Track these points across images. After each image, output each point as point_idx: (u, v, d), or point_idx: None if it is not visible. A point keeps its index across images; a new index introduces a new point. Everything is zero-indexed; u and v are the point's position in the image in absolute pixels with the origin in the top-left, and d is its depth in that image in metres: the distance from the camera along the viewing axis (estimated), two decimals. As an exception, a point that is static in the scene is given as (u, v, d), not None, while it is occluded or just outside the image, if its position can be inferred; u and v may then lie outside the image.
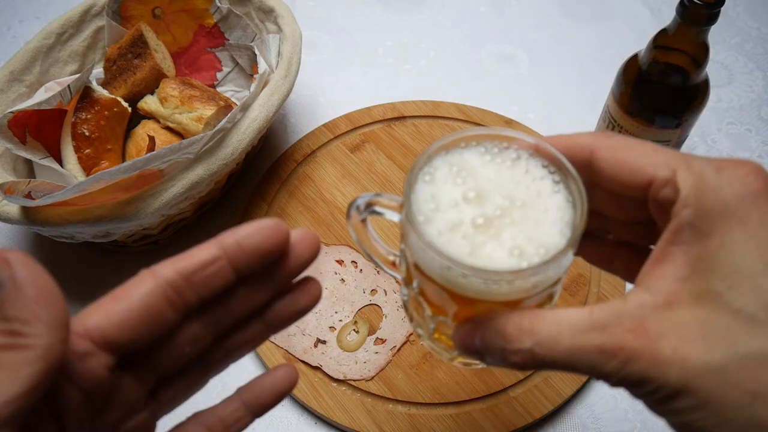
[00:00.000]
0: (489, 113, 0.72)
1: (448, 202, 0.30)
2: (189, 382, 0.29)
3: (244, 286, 0.27)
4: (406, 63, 0.81)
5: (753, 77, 0.79)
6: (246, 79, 0.72)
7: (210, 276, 0.25)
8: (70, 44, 0.65)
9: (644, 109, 0.59)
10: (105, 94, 0.61)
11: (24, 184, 0.50)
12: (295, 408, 0.55)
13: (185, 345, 0.27)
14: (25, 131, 0.56)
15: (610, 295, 0.59)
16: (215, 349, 0.28)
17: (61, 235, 0.54)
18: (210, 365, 0.29)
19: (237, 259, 0.25)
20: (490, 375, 0.55)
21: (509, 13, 0.87)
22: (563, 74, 0.80)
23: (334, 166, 0.68)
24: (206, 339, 0.27)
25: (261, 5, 0.67)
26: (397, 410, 0.53)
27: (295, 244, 0.27)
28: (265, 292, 0.28)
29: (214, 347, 0.28)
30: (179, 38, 0.70)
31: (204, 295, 0.26)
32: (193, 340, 0.27)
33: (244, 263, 0.26)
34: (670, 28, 0.55)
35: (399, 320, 0.57)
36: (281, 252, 0.27)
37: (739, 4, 0.87)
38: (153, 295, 0.25)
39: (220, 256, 0.25)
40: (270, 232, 0.26)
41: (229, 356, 0.29)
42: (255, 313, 0.28)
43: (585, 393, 0.56)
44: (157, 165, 0.51)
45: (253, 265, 0.26)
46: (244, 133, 0.56)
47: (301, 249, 0.27)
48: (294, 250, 0.27)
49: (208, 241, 0.26)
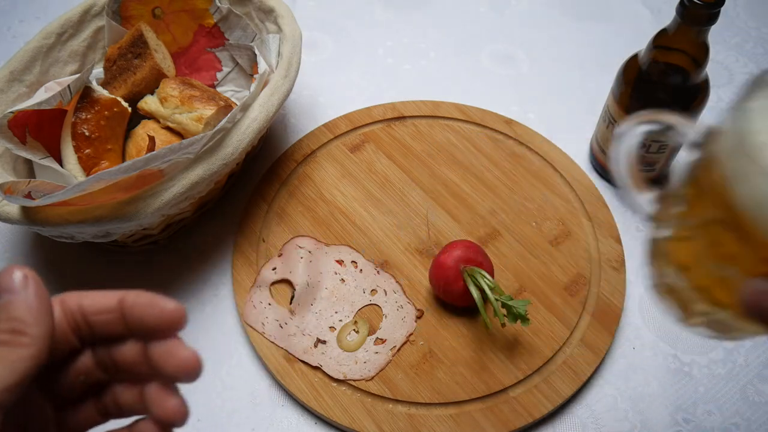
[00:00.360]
0: (489, 113, 0.72)
1: None
2: (89, 415, 0.31)
3: (136, 339, 0.29)
4: (406, 63, 0.81)
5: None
6: (246, 79, 0.72)
7: (104, 322, 0.28)
8: (70, 44, 0.65)
9: (644, 109, 0.59)
10: (105, 94, 0.61)
11: (24, 184, 0.50)
12: (295, 408, 0.55)
13: (80, 374, 0.30)
14: (25, 131, 0.56)
15: (611, 295, 0.59)
16: (108, 392, 0.31)
17: (61, 235, 0.54)
18: (106, 406, 0.31)
19: (129, 319, 0.28)
20: (490, 375, 0.55)
21: (509, 13, 0.87)
22: (563, 74, 0.80)
23: (334, 166, 0.68)
24: (98, 375, 0.30)
25: (261, 5, 0.67)
26: (397, 410, 0.53)
27: (178, 351, 0.28)
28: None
29: (108, 390, 0.31)
30: (179, 38, 0.70)
31: (98, 334, 0.29)
32: (87, 371, 0.30)
33: (134, 326, 0.28)
34: (670, 28, 0.55)
35: (399, 320, 0.57)
36: (168, 336, 0.28)
37: (739, 4, 0.87)
38: (60, 314, 0.28)
39: (116, 309, 0.28)
40: (167, 316, 0.27)
41: (120, 407, 0.31)
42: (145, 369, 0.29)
43: (585, 393, 0.56)
44: (157, 165, 0.51)
45: (141, 332, 0.28)
46: (244, 133, 0.56)
47: (183, 359, 0.28)
48: (178, 350, 0.28)
49: (116, 291, 0.28)
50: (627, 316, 0.60)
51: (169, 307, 0.27)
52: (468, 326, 0.57)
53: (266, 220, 0.64)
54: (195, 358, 0.28)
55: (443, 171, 0.68)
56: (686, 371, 0.57)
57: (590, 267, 0.61)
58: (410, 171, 0.68)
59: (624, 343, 0.58)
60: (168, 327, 0.28)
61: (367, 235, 0.63)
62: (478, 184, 0.67)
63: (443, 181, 0.67)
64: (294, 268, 0.60)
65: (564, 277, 0.60)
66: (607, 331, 0.57)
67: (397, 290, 0.59)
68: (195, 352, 0.28)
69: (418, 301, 0.59)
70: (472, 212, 0.65)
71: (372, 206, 0.65)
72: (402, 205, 0.65)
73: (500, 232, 0.63)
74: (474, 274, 0.53)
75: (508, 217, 0.64)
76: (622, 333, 0.59)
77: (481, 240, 0.63)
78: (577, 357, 0.56)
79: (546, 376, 0.55)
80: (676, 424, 0.54)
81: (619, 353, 0.58)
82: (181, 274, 0.62)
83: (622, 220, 0.66)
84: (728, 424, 0.54)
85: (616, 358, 0.58)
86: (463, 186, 0.67)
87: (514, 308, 0.52)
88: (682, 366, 0.57)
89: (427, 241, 0.63)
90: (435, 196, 0.66)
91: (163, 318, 0.27)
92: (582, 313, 0.58)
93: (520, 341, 0.56)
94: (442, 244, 0.62)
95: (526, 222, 0.64)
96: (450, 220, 0.64)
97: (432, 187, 0.67)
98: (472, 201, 0.65)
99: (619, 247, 0.62)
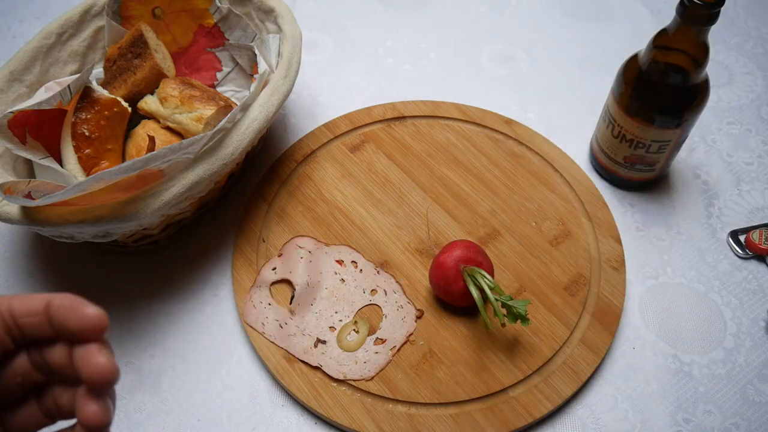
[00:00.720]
0: (489, 113, 0.72)
1: None
2: (34, 417, 0.31)
3: (64, 342, 0.29)
4: (406, 63, 0.81)
5: (753, 77, 0.79)
6: (246, 79, 0.72)
7: (32, 324, 0.29)
8: (70, 44, 0.65)
9: (644, 109, 0.59)
10: (105, 94, 0.61)
11: (24, 184, 0.50)
12: (295, 408, 0.55)
13: (17, 375, 0.30)
14: (25, 131, 0.56)
15: (611, 295, 0.59)
16: (48, 394, 0.31)
17: (61, 235, 0.54)
18: (48, 408, 0.31)
19: (54, 323, 0.29)
20: (490, 375, 0.55)
21: (509, 13, 0.87)
22: (563, 74, 0.80)
23: (334, 166, 0.68)
24: (35, 377, 0.30)
25: (261, 5, 0.67)
26: (397, 410, 0.53)
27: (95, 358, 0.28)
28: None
29: (48, 391, 0.31)
30: (179, 38, 0.70)
31: (29, 336, 0.29)
32: (24, 373, 0.30)
33: (59, 329, 0.29)
34: (670, 28, 0.55)
35: (399, 320, 0.57)
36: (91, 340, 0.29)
37: (739, 4, 0.87)
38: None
39: (43, 312, 0.29)
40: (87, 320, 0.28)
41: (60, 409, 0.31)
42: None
43: (585, 393, 0.56)
44: (157, 165, 0.51)
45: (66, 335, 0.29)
46: (244, 133, 0.56)
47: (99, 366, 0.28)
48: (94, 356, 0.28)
49: (44, 294, 0.29)
50: (627, 316, 0.60)
51: (89, 312, 0.28)
52: (468, 326, 0.57)
53: (266, 220, 0.64)
54: (108, 365, 0.28)
55: (443, 171, 0.68)
56: (686, 371, 0.57)
57: (590, 267, 0.61)
58: (410, 171, 0.68)
59: (624, 343, 0.58)
60: (88, 331, 0.28)
61: (367, 235, 0.63)
62: (478, 184, 0.67)
63: (443, 181, 0.67)
64: (294, 268, 0.60)
65: (564, 277, 0.60)
66: (607, 331, 0.57)
67: (397, 290, 0.59)
68: (110, 360, 0.28)
69: (418, 301, 0.59)
70: (472, 212, 0.65)
71: (372, 206, 0.65)
72: (402, 205, 0.65)
73: (500, 232, 0.63)
74: (474, 274, 0.53)
75: (508, 217, 0.64)
76: (622, 333, 0.59)
77: (481, 240, 0.63)
78: (577, 357, 0.56)
79: (546, 376, 0.55)
80: (676, 424, 0.54)
81: (619, 353, 0.58)
82: (181, 274, 0.62)
83: (622, 220, 0.66)
84: (728, 424, 0.54)
85: (616, 358, 0.58)
86: (463, 186, 0.67)
87: (514, 308, 0.52)
88: (682, 366, 0.57)
89: (427, 241, 0.63)
90: (435, 196, 0.66)
91: (84, 323, 0.28)
92: (582, 313, 0.58)
93: (520, 341, 0.56)
94: (442, 244, 0.62)
95: (526, 222, 0.64)
96: (450, 220, 0.64)
97: (432, 187, 0.67)
98: (472, 201, 0.65)
99: (619, 247, 0.62)
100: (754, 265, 0.63)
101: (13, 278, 0.62)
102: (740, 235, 0.65)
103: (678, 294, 0.61)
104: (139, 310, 0.60)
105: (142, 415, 0.54)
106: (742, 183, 0.69)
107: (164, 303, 0.60)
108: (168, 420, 0.54)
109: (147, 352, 0.58)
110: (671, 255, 0.64)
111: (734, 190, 0.69)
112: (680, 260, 0.64)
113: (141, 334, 0.59)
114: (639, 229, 0.66)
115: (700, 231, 0.66)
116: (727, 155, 0.72)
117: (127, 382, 0.56)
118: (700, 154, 0.72)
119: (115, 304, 0.60)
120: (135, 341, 0.58)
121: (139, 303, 0.60)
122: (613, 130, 0.63)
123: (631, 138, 0.62)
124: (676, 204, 0.68)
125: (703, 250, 0.64)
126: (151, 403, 0.55)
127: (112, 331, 0.59)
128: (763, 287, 0.62)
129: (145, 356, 0.57)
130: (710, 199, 0.68)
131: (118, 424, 0.54)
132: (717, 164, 0.71)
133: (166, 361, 0.57)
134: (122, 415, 0.54)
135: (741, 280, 0.62)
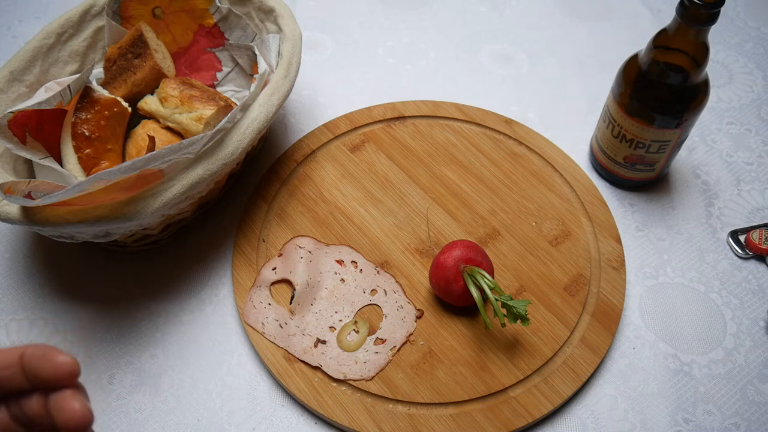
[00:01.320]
0: (489, 113, 0.72)
1: None
2: None
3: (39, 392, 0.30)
4: (406, 63, 0.81)
5: (753, 77, 0.79)
6: (246, 79, 0.72)
7: (8, 377, 0.29)
8: (70, 44, 0.65)
9: (644, 109, 0.59)
10: (105, 94, 0.61)
11: (24, 184, 0.50)
12: (295, 408, 0.55)
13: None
14: (25, 131, 0.56)
15: (610, 295, 0.59)
16: None
17: (61, 235, 0.54)
18: None
19: (28, 373, 0.29)
20: (490, 375, 0.55)
21: (509, 13, 0.87)
22: (563, 74, 0.80)
23: (334, 166, 0.68)
24: (16, 429, 0.31)
25: (261, 5, 0.67)
26: (397, 410, 0.53)
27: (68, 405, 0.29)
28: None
29: None
30: (179, 38, 0.70)
31: (5, 389, 0.30)
32: (4, 427, 0.30)
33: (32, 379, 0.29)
34: (670, 28, 0.55)
35: (399, 320, 0.57)
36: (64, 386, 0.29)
37: (739, 4, 0.87)
38: None
39: (17, 364, 0.29)
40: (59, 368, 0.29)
41: None
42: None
43: (585, 393, 0.56)
44: (157, 165, 0.51)
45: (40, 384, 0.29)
46: (244, 133, 0.56)
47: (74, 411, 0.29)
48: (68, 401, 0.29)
49: (17, 347, 0.30)
50: (627, 316, 0.60)
51: (60, 359, 0.29)
52: (468, 326, 0.57)
53: (266, 220, 0.64)
54: (82, 409, 0.29)
55: (443, 171, 0.68)
56: (686, 371, 0.57)
57: (590, 267, 0.61)
58: (410, 171, 0.68)
59: (624, 343, 0.58)
60: (62, 378, 0.29)
61: (367, 235, 0.63)
62: (478, 184, 0.67)
63: (443, 181, 0.67)
64: (294, 268, 0.60)
65: (564, 277, 0.60)
66: (607, 331, 0.57)
67: (397, 290, 0.59)
68: (83, 405, 0.29)
69: (418, 301, 0.59)
70: (472, 212, 0.65)
71: (372, 206, 0.65)
72: (402, 205, 0.65)
73: (500, 232, 0.63)
74: (474, 274, 0.54)
75: (508, 217, 0.64)
76: (622, 333, 0.59)
77: (481, 240, 0.63)
78: (577, 357, 0.56)
79: (546, 376, 0.55)
80: (676, 424, 0.54)
81: (619, 353, 0.58)
82: (181, 274, 0.62)
83: (622, 220, 0.66)
84: (728, 424, 0.54)
85: (616, 358, 0.58)
86: (463, 186, 0.67)
87: (514, 308, 0.52)
88: (682, 366, 0.57)
89: (427, 241, 0.63)
90: (435, 196, 0.66)
91: (57, 370, 0.29)
92: (582, 313, 0.58)
93: (520, 341, 0.56)
94: (442, 244, 0.62)
95: (526, 222, 0.64)
96: (450, 220, 0.64)
97: (432, 187, 0.67)
98: (472, 201, 0.65)
99: (619, 247, 0.62)
100: (754, 265, 0.63)
101: (13, 278, 0.62)
102: (740, 235, 0.65)
103: (678, 294, 0.62)
104: (139, 310, 0.60)
105: (142, 415, 0.54)
106: (742, 183, 0.69)
107: (164, 303, 0.60)
108: (168, 420, 0.54)
109: (147, 352, 0.58)
110: (671, 255, 0.64)
111: (734, 190, 0.69)
112: (680, 260, 0.64)
113: (141, 334, 0.59)
114: (639, 229, 0.66)
115: (700, 231, 0.66)
116: (727, 155, 0.72)
117: (127, 382, 0.56)
118: (700, 154, 0.72)
119: (115, 304, 0.60)
120: (135, 341, 0.58)
121: (139, 303, 0.60)
122: (613, 130, 0.63)
123: (631, 138, 0.62)
124: (676, 204, 0.68)
125: (703, 250, 0.64)
126: (151, 403, 0.55)
127: (112, 331, 0.59)
128: (763, 287, 0.62)
129: (145, 356, 0.57)
130: (710, 199, 0.68)
131: (119, 423, 0.54)
132: (717, 164, 0.71)
133: (166, 361, 0.57)
134: (122, 415, 0.54)
135: (741, 280, 0.62)
